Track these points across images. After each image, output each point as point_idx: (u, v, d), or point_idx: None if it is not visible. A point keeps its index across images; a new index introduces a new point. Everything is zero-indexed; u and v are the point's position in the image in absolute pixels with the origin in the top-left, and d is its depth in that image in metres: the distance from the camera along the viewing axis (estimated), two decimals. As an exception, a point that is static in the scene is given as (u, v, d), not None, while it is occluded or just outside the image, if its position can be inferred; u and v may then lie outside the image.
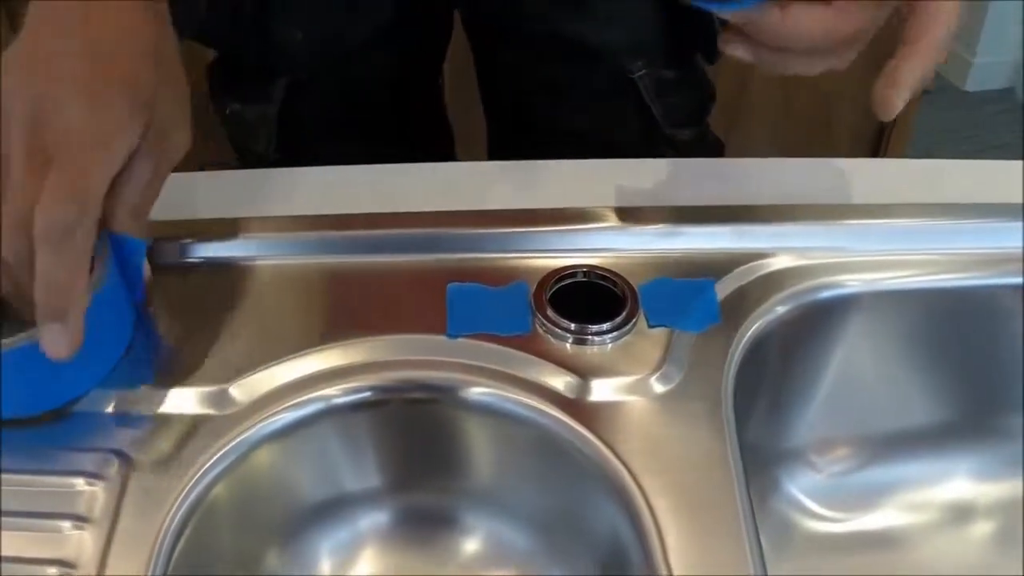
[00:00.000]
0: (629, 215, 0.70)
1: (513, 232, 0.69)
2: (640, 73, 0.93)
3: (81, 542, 0.53)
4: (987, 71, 3.19)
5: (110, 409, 0.59)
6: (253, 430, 0.58)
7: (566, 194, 0.73)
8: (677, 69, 0.95)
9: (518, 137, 1.07)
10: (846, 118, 2.52)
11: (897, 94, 0.60)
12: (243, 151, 1.01)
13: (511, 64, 1.02)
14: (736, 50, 0.60)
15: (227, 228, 0.69)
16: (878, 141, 2.55)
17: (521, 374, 0.61)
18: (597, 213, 0.70)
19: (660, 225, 0.69)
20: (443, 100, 1.15)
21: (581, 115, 0.98)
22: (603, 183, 0.75)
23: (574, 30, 0.92)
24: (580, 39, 0.92)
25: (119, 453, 0.57)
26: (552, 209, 0.70)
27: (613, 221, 0.69)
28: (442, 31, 1.06)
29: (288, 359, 0.61)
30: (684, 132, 0.97)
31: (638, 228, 0.69)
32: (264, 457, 0.59)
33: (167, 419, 0.59)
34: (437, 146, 1.15)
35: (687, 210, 0.71)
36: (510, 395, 0.60)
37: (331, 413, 0.60)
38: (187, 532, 0.55)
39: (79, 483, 0.55)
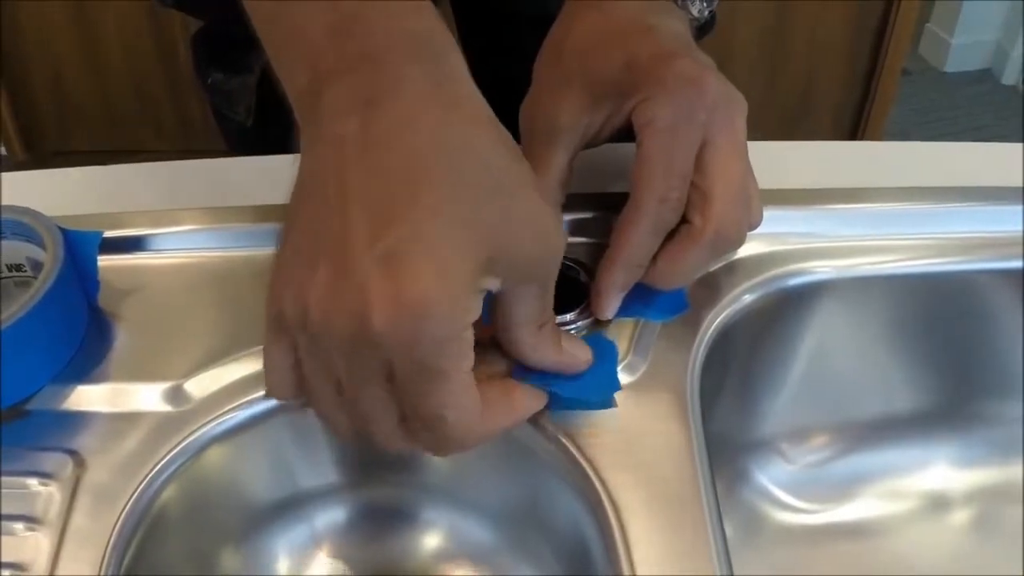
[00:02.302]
0: (594, 202, 0.68)
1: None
2: None
3: (34, 544, 0.52)
4: (966, 52, 3.20)
5: (63, 407, 0.58)
6: (206, 429, 0.57)
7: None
8: None
9: (505, 113, 1.07)
10: (826, 100, 2.52)
11: (603, 303, 0.60)
12: (222, 118, 1.01)
13: (495, 41, 1.01)
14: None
15: (183, 219, 0.68)
16: (857, 123, 2.56)
17: (482, 365, 0.59)
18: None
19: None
20: None
21: None
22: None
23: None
24: None
25: (72, 452, 0.56)
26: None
27: (578, 208, 0.68)
28: None
29: (246, 354, 0.60)
30: None
31: (604, 215, 0.68)
32: (217, 456, 0.58)
33: (121, 416, 0.58)
34: None
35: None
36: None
37: (284, 410, 0.58)
38: (140, 532, 0.54)
39: (33, 483, 0.54)
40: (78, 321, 0.61)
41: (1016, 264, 0.69)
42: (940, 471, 0.79)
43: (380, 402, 0.45)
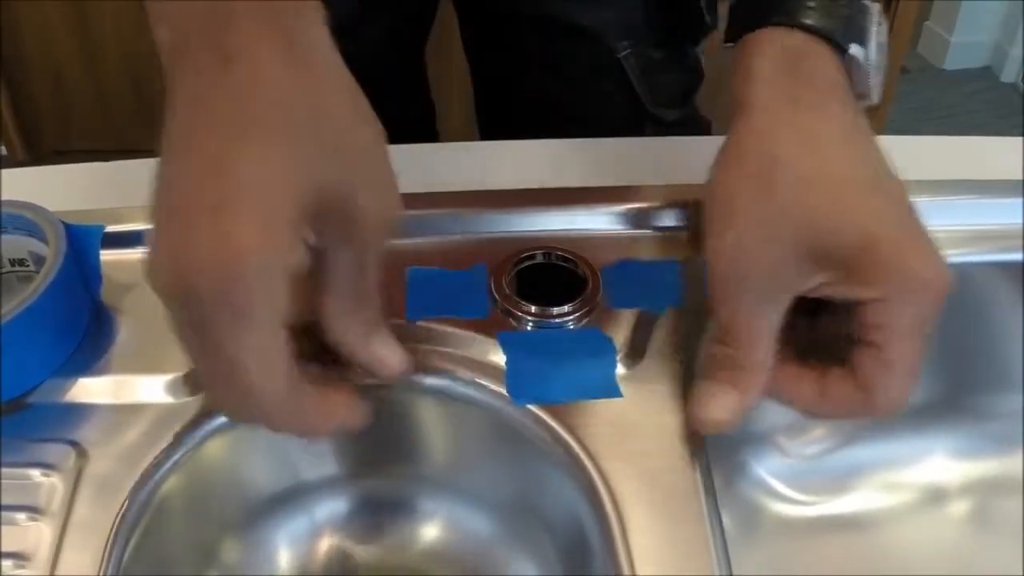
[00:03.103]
0: (594, 195, 0.69)
1: (475, 213, 0.68)
2: (625, 53, 0.92)
3: (36, 534, 0.52)
4: (965, 50, 3.20)
5: (66, 399, 0.59)
6: (206, 420, 0.57)
7: (532, 174, 0.72)
8: (664, 49, 0.95)
9: (505, 110, 1.08)
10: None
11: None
12: None
13: (496, 40, 1.02)
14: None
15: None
16: (856, 121, 2.54)
17: (480, 358, 0.60)
18: (560, 193, 0.69)
19: (625, 205, 0.68)
20: (426, 78, 1.15)
21: (566, 92, 0.98)
22: (571, 162, 0.75)
23: (561, 9, 0.92)
24: (566, 18, 0.92)
25: (74, 443, 0.56)
26: (515, 190, 0.70)
27: (577, 202, 0.68)
28: (426, 7, 1.05)
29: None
30: (670, 112, 0.96)
31: (602, 208, 0.68)
32: (218, 447, 0.58)
33: (123, 408, 0.58)
34: (416, 122, 1.15)
35: (653, 189, 0.70)
36: (468, 379, 0.59)
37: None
38: (142, 523, 0.54)
39: (35, 474, 0.55)
40: (80, 314, 0.61)
41: (1016, 257, 0.69)
42: (938, 463, 0.79)
43: (196, 350, 0.45)
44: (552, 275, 0.64)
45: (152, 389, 0.59)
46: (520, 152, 0.77)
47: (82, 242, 0.61)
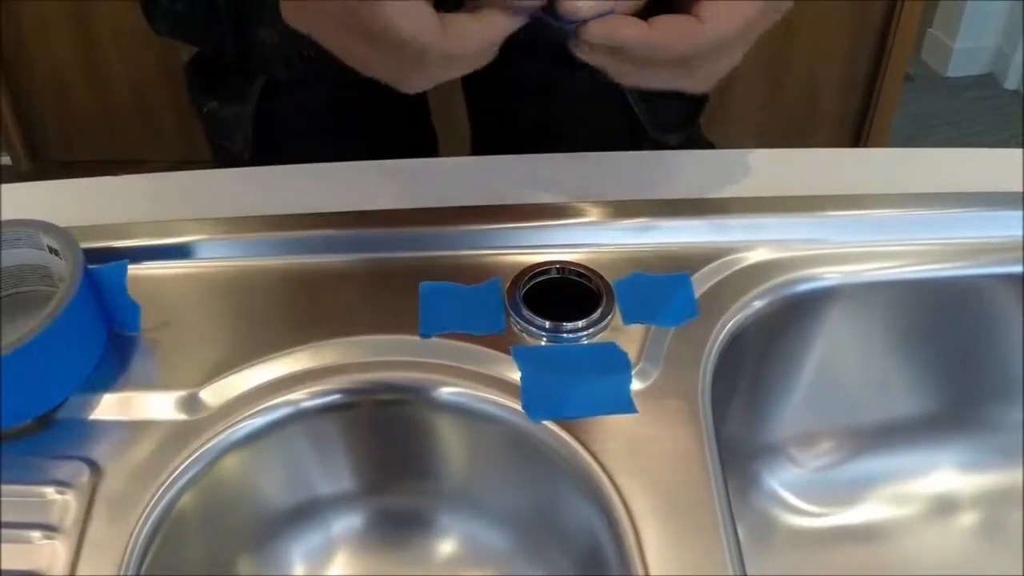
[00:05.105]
0: (604, 210, 0.69)
1: (488, 229, 0.68)
2: None
3: (51, 552, 0.52)
4: (968, 57, 3.20)
5: (79, 416, 0.59)
6: (221, 436, 0.57)
7: (542, 189, 0.73)
8: None
9: (501, 142, 1.06)
10: (829, 106, 2.52)
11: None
12: (218, 149, 1.00)
13: (493, 67, 1.01)
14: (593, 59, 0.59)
15: (194, 229, 0.68)
16: (860, 128, 2.55)
17: (494, 373, 0.60)
18: (572, 208, 0.69)
19: (636, 219, 0.68)
20: (427, 103, 1.14)
21: (564, 122, 0.97)
22: (579, 178, 0.75)
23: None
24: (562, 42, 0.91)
25: (89, 461, 0.56)
26: (527, 205, 0.70)
27: (588, 216, 0.68)
28: None
29: (260, 362, 0.61)
30: (672, 137, 0.96)
31: (613, 223, 0.68)
32: (233, 463, 0.58)
33: (137, 425, 0.58)
34: (419, 149, 1.14)
35: (663, 203, 0.70)
36: (483, 394, 0.59)
37: (300, 417, 0.59)
38: (157, 540, 0.54)
39: (49, 492, 0.55)
40: (97, 334, 0.61)
41: (1017, 269, 0.69)
42: (946, 475, 0.79)
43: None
44: (566, 290, 0.64)
45: (166, 405, 0.59)
46: (531, 168, 0.77)
47: (108, 281, 0.60)
